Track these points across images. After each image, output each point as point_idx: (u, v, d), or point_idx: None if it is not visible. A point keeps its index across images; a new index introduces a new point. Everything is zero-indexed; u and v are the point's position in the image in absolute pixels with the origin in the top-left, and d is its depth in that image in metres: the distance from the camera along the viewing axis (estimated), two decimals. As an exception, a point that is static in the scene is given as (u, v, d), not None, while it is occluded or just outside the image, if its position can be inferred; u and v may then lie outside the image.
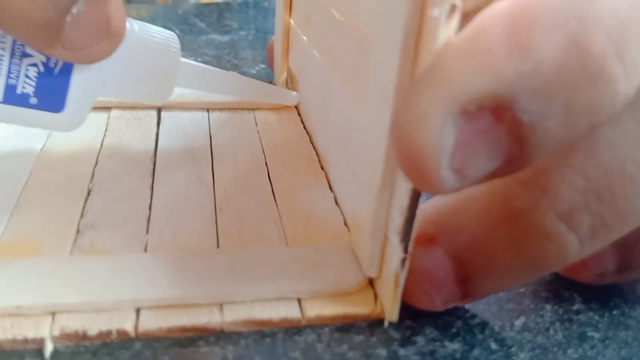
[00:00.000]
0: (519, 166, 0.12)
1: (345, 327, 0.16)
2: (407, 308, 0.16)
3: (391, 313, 0.16)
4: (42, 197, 0.20)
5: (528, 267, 0.14)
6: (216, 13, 0.49)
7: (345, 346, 0.15)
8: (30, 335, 0.14)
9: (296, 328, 0.15)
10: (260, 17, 0.50)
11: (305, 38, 0.26)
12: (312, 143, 0.25)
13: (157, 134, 0.25)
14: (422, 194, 0.14)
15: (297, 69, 0.28)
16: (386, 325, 0.16)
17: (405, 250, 0.14)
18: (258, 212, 0.20)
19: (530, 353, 0.15)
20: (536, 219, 0.13)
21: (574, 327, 0.16)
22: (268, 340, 0.15)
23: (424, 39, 0.12)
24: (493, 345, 0.15)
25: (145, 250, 0.18)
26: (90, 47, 0.17)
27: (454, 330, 0.16)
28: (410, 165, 0.11)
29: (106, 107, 0.27)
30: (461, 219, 0.15)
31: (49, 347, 0.14)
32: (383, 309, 0.16)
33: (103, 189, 0.20)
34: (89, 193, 0.20)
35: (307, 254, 0.17)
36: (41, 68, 0.18)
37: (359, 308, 0.16)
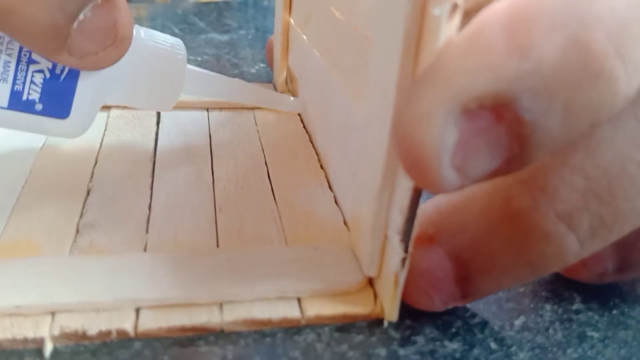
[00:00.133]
0: (520, 165, 0.12)
1: (345, 327, 0.16)
2: (407, 308, 0.16)
3: (391, 313, 0.16)
4: (42, 197, 0.20)
5: (528, 267, 0.14)
6: (215, 12, 0.49)
7: (345, 346, 0.15)
8: (30, 334, 0.14)
9: (296, 328, 0.16)
10: (259, 16, 0.50)
11: (305, 37, 0.26)
12: (312, 142, 0.25)
13: (157, 134, 0.25)
14: (422, 194, 0.14)
15: (297, 69, 0.28)
16: (386, 325, 0.16)
17: (405, 249, 0.14)
18: (258, 212, 0.20)
19: (529, 353, 0.15)
20: (536, 219, 0.13)
21: (574, 327, 0.16)
22: (268, 339, 0.15)
23: (425, 38, 0.12)
24: (493, 344, 0.15)
25: (144, 249, 0.18)
26: (96, 54, 0.17)
27: (454, 329, 0.16)
28: (411, 163, 0.11)
29: (106, 107, 0.27)
30: (461, 219, 0.15)
31: (49, 347, 0.14)
32: (383, 309, 0.16)
33: (102, 189, 0.20)
34: (89, 193, 0.20)
35: (307, 254, 0.17)
36: (47, 74, 0.18)
37: (359, 308, 0.16)
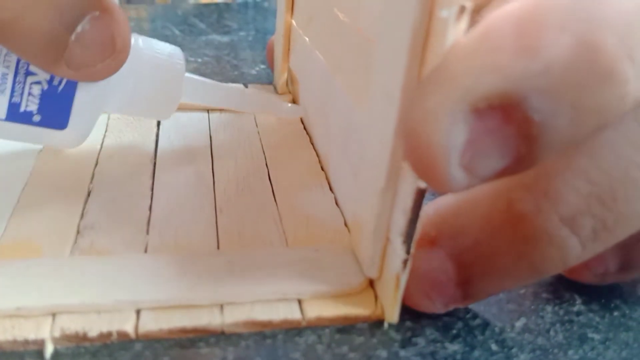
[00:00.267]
0: (528, 165, 0.12)
1: (345, 329, 0.16)
2: (407, 309, 0.16)
3: (391, 314, 0.16)
4: (42, 198, 0.20)
5: (529, 270, 0.14)
6: (216, 13, 0.50)
7: (345, 347, 0.15)
8: (30, 336, 0.14)
9: (297, 329, 0.16)
10: (259, 18, 0.50)
11: (307, 39, 0.26)
12: (313, 144, 0.25)
13: (157, 135, 0.25)
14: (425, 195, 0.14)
15: (298, 70, 0.28)
16: (386, 326, 0.16)
17: (407, 251, 0.14)
18: (258, 213, 0.20)
19: (530, 354, 0.15)
20: (539, 223, 0.13)
21: (575, 329, 0.16)
22: (268, 341, 0.15)
23: (432, 40, 0.12)
24: (494, 346, 0.16)
25: (145, 251, 0.18)
26: (94, 66, 0.17)
27: (455, 331, 0.16)
28: (420, 163, 0.11)
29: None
30: (463, 222, 0.15)
31: (49, 348, 0.14)
32: (383, 310, 0.16)
33: (103, 190, 0.21)
34: (89, 194, 0.20)
35: (308, 255, 0.17)
36: (45, 86, 0.18)
37: (360, 309, 0.16)
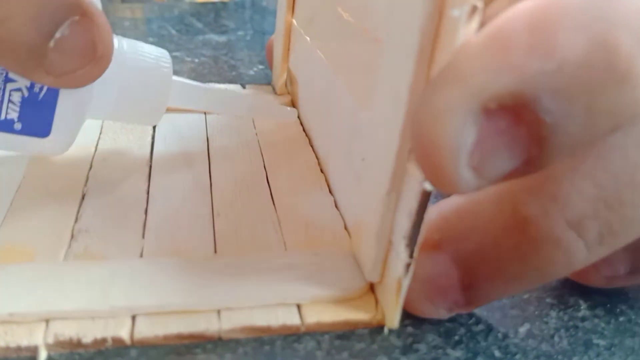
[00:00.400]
0: (538, 167, 0.12)
1: (345, 334, 0.16)
2: (409, 314, 0.16)
3: (392, 319, 0.16)
4: (36, 202, 0.20)
5: (534, 274, 0.14)
6: (213, 13, 0.50)
7: (345, 354, 0.15)
8: (23, 342, 0.14)
9: (295, 335, 0.16)
10: (257, 17, 0.50)
11: (308, 38, 0.26)
12: (312, 146, 0.25)
13: (153, 137, 0.25)
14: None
15: (298, 71, 0.28)
16: (387, 332, 0.16)
17: (410, 255, 0.14)
18: (256, 217, 0.20)
19: (534, 360, 0.15)
20: (545, 226, 0.13)
21: (580, 334, 0.16)
22: (267, 347, 0.15)
23: (442, 40, 0.12)
24: (497, 352, 0.16)
25: (141, 255, 0.18)
26: (75, 72, 0.17)
27: (457, 337, 0.16)
28: (428, 163, 0.11)
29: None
30: (468, 225, 0.15)
31: (43, 355, 0.14)
32: (384, 315, 0.16)
33: (98, 193, 0.21)
34: (83, 197, 0.20)
35: (307, 259, 0.18)
36: (25, 93, 0.18)
37: (360, 314, 0.16)
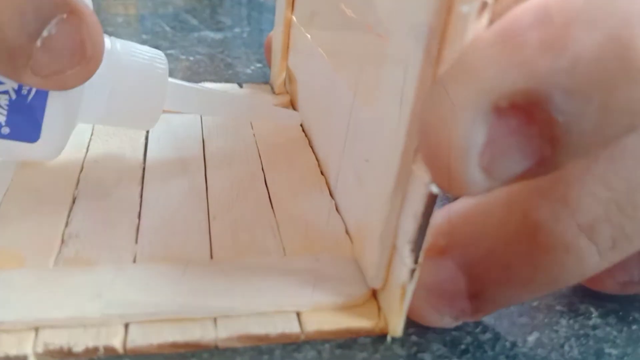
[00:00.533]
0: (551, 168, 0.12)
1: (347, 343, 0.16)
2: (413, 322, 0.16)
3: (396, 327, 0.16)
4: (25, 206, 0.20)
5: (545, 281, 0.14)
6: (209, 9, 0.50)
7: (347, 363, 0.15)
8: (12, 352, 0.14)
9: (295, 344, 0.16)
10: (255, 14, 0.50)
11: (308, 35, 0.26)
12: (312, 147, 0.25)
13: (147, 138, 0.25)
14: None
15: (297, 69, 0.28)
16: (390, 340, 0.16)
17: (415, 260, 0.14)
18: (254, 221, 0.20)
19: (544, 370, 0.15)
20: (556, 231, 0.13)
21: (591, 343, 0.16)
22: (265, 357, 0.15)
23: (450, 37, 0.12)
24: (505, 362, 0.16)
25: (134, 261, 0.18)
26: (63, 73, 0.17)
27: (463, 346, 0.16)
28: (436, 164, 0.11)
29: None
30: (475, 230, 0.15)
31: (32, 365, 0.14)
32: (387, 324, 0.16)
33: (89, 197, 0.21)
34: (74, 201, 0.20)
35: (307, 265, 0.17)
36: (12, 95, 0.18)
37: (362, 322, 0.16)
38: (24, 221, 0.19)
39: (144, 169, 0.23)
